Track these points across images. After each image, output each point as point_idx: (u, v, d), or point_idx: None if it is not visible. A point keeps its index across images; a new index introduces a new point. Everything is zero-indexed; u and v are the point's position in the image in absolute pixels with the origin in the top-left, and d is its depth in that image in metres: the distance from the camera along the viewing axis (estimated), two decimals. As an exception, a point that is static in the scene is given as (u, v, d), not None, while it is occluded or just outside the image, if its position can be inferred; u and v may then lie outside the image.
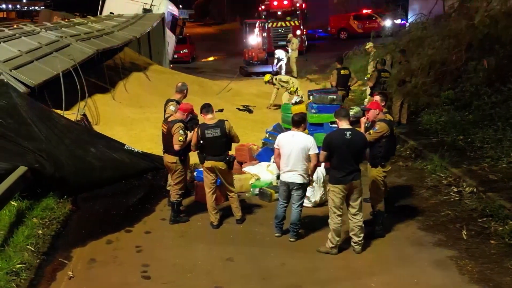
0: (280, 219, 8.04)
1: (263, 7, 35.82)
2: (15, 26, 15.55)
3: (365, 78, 16.61)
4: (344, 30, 44.35)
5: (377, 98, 8.65)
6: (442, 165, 10.55)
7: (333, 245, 7.43)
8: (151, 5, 23.49)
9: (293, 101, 12.92)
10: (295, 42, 25.99)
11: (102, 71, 16.66)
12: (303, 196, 7.90)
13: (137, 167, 10.03)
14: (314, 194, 9.12)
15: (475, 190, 9.26)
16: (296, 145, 7.62)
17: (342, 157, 7.16)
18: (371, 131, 7.83)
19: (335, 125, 11.19)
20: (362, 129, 8.00)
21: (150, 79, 18.45)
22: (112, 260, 7.52)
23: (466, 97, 14.46)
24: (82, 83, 13.13)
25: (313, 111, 11.95)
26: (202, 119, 8.53)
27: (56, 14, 24.04)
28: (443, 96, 14.75)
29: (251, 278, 6.95)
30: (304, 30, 36.49)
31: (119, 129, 13.28)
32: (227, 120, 8.34)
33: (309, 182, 7.96)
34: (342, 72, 14.54)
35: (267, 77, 16.55)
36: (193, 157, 9.76)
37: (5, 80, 10.16)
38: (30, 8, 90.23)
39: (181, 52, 32.16)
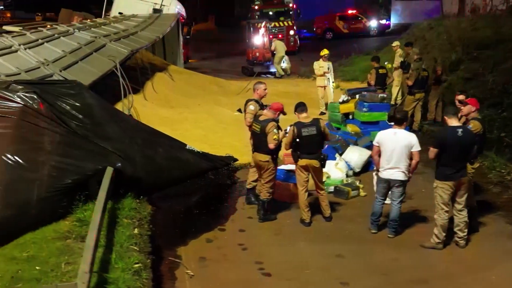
0: (378, 216, 8.19)
1: (256, 7, 35.89)
2: (48, 26, 15.31)
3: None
4: (330, 30, 44.79)
5: (461, 97, 8.90)
6: (500, 162, 10.79)
7: (440, 241, 7.60)
8: (161, 5, 23.35)
9: (340, 100, 13.12)
10: (273, 44, 26.18)
11: (126, 72, 16.53)
12: (404, 192, 8.05)
13: (199, 166, 10.04)
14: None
15: (543, 184, 9.54)
16: (399, 142, 7.76)
17: (453, 154, 7.34)
18: None
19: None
20: None
21: (173, 79, 18.39)
22: (222, 258, 7.56)
23: (494, 95, 14.77)
24: (126, 84, 13.06)
25: (364, 109, 12.20)
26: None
27: (77, 14, 23.67)
28: (469, 95, 15.02)
29: (371, 273, 7.07)
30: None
31: (162, 130, 13.18)
32: (321, 119, 8.45)
33: (409, 179, 8.10)
34: (380, 71, 14.81)
35: (326, 51, 16.49)
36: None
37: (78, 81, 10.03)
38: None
39: (178, 52, 31.99)
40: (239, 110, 16.11)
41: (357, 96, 13.08)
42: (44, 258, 6.70)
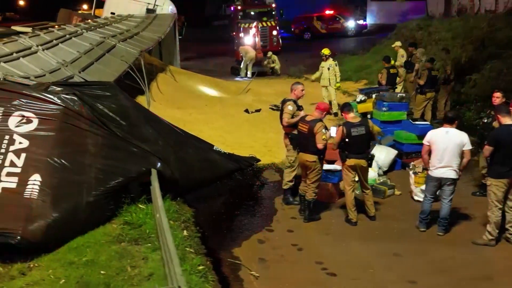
0: (427, 214, 8.26)
1: (239, 7, 35.79)
2: (56, 26, 15.02)
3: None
4: (308, 30, 44.96)
5: (498, 94, 9.06)
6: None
7: (493, 238, 7.72)
8: (155, 5, 23.10)
9: (357, 100, 13.19)
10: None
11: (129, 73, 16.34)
12: (454, 191, 8.12)
13: (226, 167, 10.00)
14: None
15: None
16: (451, 141, 7.84)
17: (507, 152, 7.45)
18: None
19: (418, 122, 11.67)
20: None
21: (176, 80, 18.24)
22: (281, 259, 7.54)
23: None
24: (144, 84, 12.94)
25: (384, 109, 12.30)
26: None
27: (76, 14, 23.23)
28: (473, 94, 15.24)
29: (434, 271, 7.13)
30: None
31: (178, 131, 13.11)
32: (369, 119, 8.49)
33: (459, 177, 8.18)
34: (391, 71, 15.00)
35: (327, 51, 16.35)
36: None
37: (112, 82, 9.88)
38: None
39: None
40: (246, 111, 16.09)
41: (373, 95, 13.20)
42: (105, 262, 6.57)
